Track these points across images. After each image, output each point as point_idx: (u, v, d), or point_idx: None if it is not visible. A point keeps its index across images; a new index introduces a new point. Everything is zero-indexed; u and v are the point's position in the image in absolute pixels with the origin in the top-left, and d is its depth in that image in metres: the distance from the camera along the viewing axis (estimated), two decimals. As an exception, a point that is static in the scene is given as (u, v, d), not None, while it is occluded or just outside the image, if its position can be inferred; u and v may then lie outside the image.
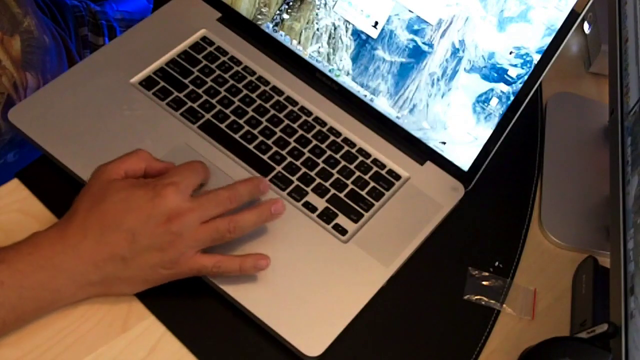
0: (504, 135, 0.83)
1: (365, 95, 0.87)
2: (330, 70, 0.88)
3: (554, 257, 0.86)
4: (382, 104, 0.87)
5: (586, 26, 1.06)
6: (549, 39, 0.79)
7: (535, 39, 0.80)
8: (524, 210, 0.88)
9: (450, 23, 0.82)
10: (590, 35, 1.05)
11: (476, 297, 0.80)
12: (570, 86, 1.01)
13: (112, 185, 0.69)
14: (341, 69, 0.87)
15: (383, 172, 0.84)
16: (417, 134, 0.86)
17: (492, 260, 0.83)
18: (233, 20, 0.92)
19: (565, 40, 0.79)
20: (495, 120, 0.83)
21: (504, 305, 0.80)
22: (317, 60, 0.89)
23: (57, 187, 0.79)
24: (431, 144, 0.86)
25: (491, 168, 0.84)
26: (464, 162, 0.85)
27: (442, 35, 0.82)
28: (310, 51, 0.89)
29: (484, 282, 0.81)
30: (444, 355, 0.77)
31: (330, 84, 0.89)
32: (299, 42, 0.89)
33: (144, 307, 0.73)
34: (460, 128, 0.84)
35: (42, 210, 0.77)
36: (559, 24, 0.78)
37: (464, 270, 0.81)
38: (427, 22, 0.83)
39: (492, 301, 0.80)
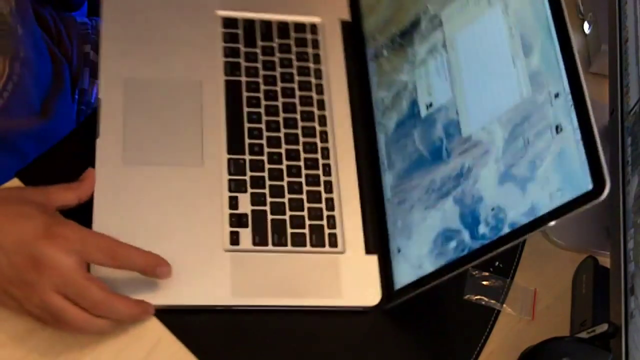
0: (436, 282, 0.72)
1: (383, 163, 0.83)
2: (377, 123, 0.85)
3: (554, 257, 0.86)
4: (387, 180, 0.82)
5: (586, 26, 1.06)
6: (524, 220, 0.67)
7: (516, 210, 0.68)
8: (524, 211, 0.87)
9: (474, 146, 0.74)
10: (590, 35, 1.04)
11: (476, 297, 0.80)
12: (570, 86, 1.01)
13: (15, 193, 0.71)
14: (385, 127, 0.84)
15: (326, 230, 0.78)
16: (390, 227, 0.80)
17: (492, 260, 0.83)
18: (350, 28, 0.90)
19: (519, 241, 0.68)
20: (440, 262, 0.73)
21: (504, 305, 0.80)
22: (377, 107, 0.85)
23: (57, 187, 0.78)
24: (391, 244, 0.79)
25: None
26: (400, 280, 0.76)
27: (462, 153, 0.74)
28: (379, 95, 0.85)
29: (484, 282, 0.81)
30: (444, 355, 0.77)
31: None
32: (378, 84, 0.85)
33: (144, 307, 0.73)
34: (416, 247, 0.76)
35: (42, 210, 0.77)
36: (538, 213, 0.66)
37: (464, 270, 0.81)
38: (460, 132, 0.75)
39: (492, 301, 0.80)
